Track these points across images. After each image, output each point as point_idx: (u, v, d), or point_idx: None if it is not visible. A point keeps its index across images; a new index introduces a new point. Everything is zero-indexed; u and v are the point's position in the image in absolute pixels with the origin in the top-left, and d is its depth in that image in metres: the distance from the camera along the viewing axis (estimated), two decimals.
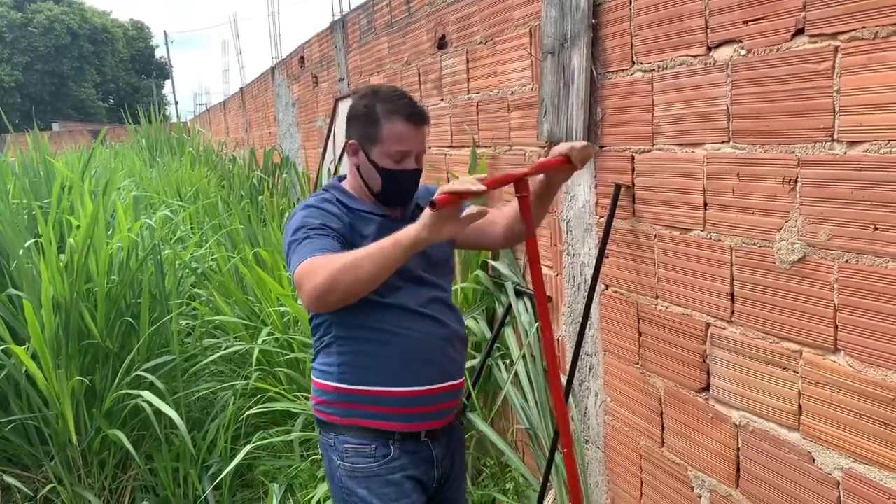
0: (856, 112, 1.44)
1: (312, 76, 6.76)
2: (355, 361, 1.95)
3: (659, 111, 2.03)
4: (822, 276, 1.56)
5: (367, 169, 1.95)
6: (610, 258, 2.34)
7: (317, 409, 2.03)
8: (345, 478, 1.96)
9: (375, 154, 1.92)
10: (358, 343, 1.95)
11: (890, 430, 1.45)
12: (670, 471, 2.16)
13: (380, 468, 1.94)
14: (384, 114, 1.90)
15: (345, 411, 1.96)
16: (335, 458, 1.97)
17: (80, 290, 3.51)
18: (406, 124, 1.91)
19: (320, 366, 2.01)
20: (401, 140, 1.90)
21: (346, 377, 1.95)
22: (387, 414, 1.94)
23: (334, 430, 1.98)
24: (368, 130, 1.92)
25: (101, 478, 3.56)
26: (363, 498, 1.94)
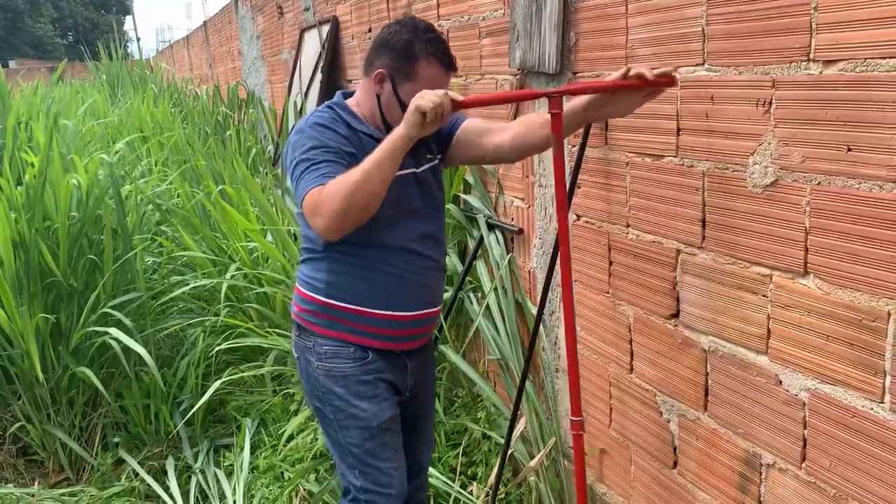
0: (833, 30, 1.41)
1: (277, 7, 6.54)
2: (344, 280, 2.01)
3: (633, 34, 1.98)
4: (794, 200, 1.55)
5: (390, 101, 1.95)
6: (581, 188, 2.32)
7: (299, 315, 2.10)
8: (322, 377, 2.05)
9: (404, 90, 1.90)
10: (349, 265, 2.01)
11: (856, 350, 1.46)
12: (639, 397, 2.18)
13: (357, 368, 2.04)
14: (423, 54, 1.90)
15: (328, 323, 2.04)
16: (312, 358, 2.06)
17: (39, 228, 3.42)
18: (441, 69, 1.92)
19: (307, 277, 2.07)
20: (433, 84, 1.87)
21: (333, 293, 2.02)
22: (367, 332, 2.03)
23: (313, 335, 2.06)
24: (403, 65, 1.91)
25: (71, 416, 3.54)
26: (340, 395, 2.04)
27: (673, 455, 2.06)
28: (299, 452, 3.03)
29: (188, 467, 3.33)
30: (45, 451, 3.50)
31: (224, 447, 3.41)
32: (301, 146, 1.89)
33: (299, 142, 1.91)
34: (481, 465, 2.85)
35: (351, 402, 2.03)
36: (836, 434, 1.53)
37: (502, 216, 2.95)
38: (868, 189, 1.39)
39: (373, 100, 1.97)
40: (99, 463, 3.40)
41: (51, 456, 3.49)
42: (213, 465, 3.28)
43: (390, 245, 2.00)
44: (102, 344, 3.44)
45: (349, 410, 2.04)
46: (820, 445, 1.58)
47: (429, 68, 1.90)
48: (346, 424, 2.06)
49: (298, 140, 1.92)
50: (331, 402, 2.06)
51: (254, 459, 3.13)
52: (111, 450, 3.48)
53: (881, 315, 1.40)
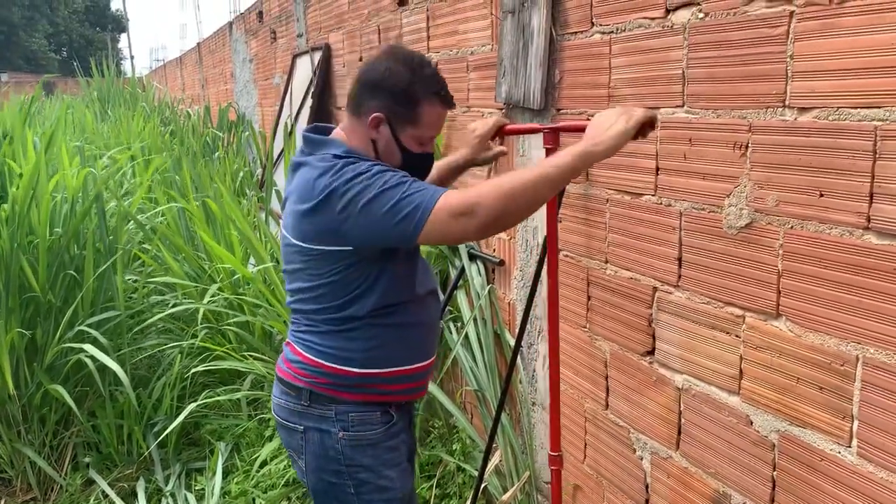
0: (808, 78, 1.44)
1: (271, 31, 6.59)
2: (385, 347, 1.85)
3: (616, 74, 2.01)
4: (767, 242, 1.58)
5: (388, 146, 1.79)
6: (562, 222, 2.34)
7: (314, 385, 1.87)
8: (347, 448, 1.85)
9: (405, 135, 1.77)
10: (390, 328, 1.85)
11: (825, 394, 1.47)
12: (614, 433, 2.18)
13: (383, 434, 1.88)
14: (426, 96, 1.75)
15: (357, 390, 1.86)
16: (333, 428, 1.85)
17: (21, 242, 3.40)
18: (443, 108, 1.80)
19: (334, 350, 1.84)
20: (436, 125, 1.80)
21: (375, 363, 1.85)
22: (399, 390, 1.91)
23: (335, 402, 1.86)
24: (404, 109, 1.75)
25: (42, 434, 3.48)
26: (368, 466, 1.86)
27: (645, 493, 2.06)
28: (272, 479, 3.00)
29: (159, 490, 3.28)
30: (14, 470, 3.43)
31: (196, 471, 3.37)
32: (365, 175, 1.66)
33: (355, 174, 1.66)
34: (455, 497, 2.83)
35: (380, 473, 1.87)
36: (805, 477, 1.54)
37: (484, 247, 2.96)
38: (839, 234, 1.42)
39: (367, 144, 1.79)
40: (68, 483, 3.35)
41: (19, 474, 3.43)
42: (184, 488, 3.24)
43: (423, 293, 1.90)
44: (77, 362, 3.41)
45: (377, 482, 1.87)
46: (789, 488, 1.58)
47: (431, 109, 1.77)
48: (370, 499, 1.88)
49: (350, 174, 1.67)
50: (355, 475, 1.86)
51: (226, 484, 3.09)
52: (81, 470, 3.43)
53: (850, 359, 1.42)
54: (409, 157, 1.80)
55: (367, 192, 1.64)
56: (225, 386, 3.56)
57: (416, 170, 1.79)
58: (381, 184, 1.64)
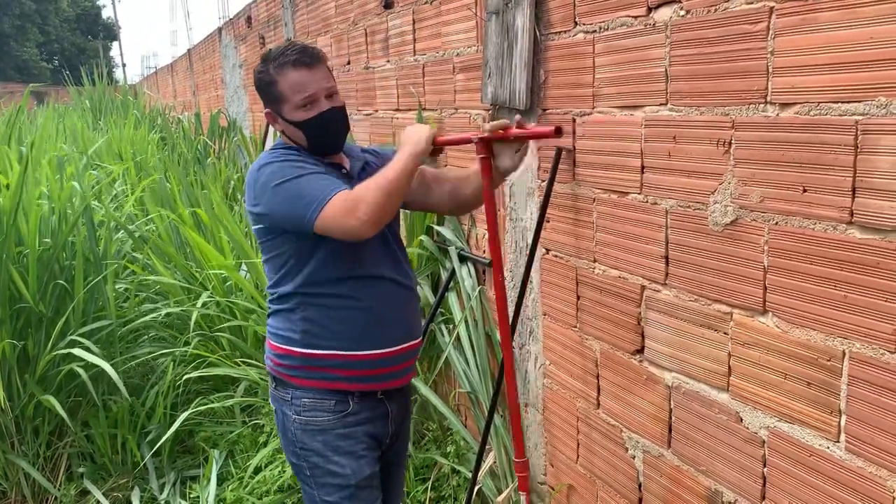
0: (789, 74, 1.44)
1: (260, 37, 6.59)
2: (321, 326, 1.94)
3: (600, 73, 2.01)
4: (752, 239, 1.57)
5: (289, 130, 1.96)
6: (550, 222, 2.33)
7: (274, 368, 2.02)
8: (299, 431, 1.97)
9: (287, 112, 1.92)
10: (324, 308, 1.94)
11: (813, 389, 1.47)
12: (606, 432, 2.18)
13: (336, 422, 1.96)
14: (276, 71, 1.91)
15: (307, 373, 1.96)
16: (290, 412, 1.98)
17: (10, 253, 3.39)
18: (296, 70, 1.90)
19: (279, 330, 1.99)
20: (299, 87, 1.90)
21: (312, 342, 1.94)
22: (350, 376, 1.96)
23: (291, 387, 1.98)
24: (271, 93, 1.93)
25: (36, 445, 3.47)
26: (317, 450, 1.96)
27: (638, 492, 2.06)
28: (266, 485, 2.99)
29: (154, 499, 3.28)
30: (7, 482, 3.42)
31: (191, 479, 3.36)
32: (280, 173, 1.86)
33: (273, 171, 1.88)
34: (450, 499, 2.83)
35: (329, 458, 1.95)
36: (795, 473, 1.54)
37: (474, 248, 2.96)
38: (823, 230, 1.41)
39: (285, 139, 2.00)
40: (62, 494, 3.33)
41: (13, 486, 3.41)
42: (179, 496, 3.23)
43: (366, 275, 1.95)
44: (70, 372, 3.39)
45: (327, 467, 1.96)
46: (779, 484, 1.58)
47: (286, 79, 1.90)
48: (323, 482, 1.97)
49: (270, 171, 1.89)
50: (307, 457, 1.97)
51: (221, 492, 3.08)
52: (76, 480, 3.42)
53: (836, 354, 1.42)
54: (305, 125, 1.93)
55: (276, 177, 1.86)
56: (218, 393, 3.55)
57: (322, 131, 1.94)
58: (290, 174, 1.85)
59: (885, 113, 1.27)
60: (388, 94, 3.59)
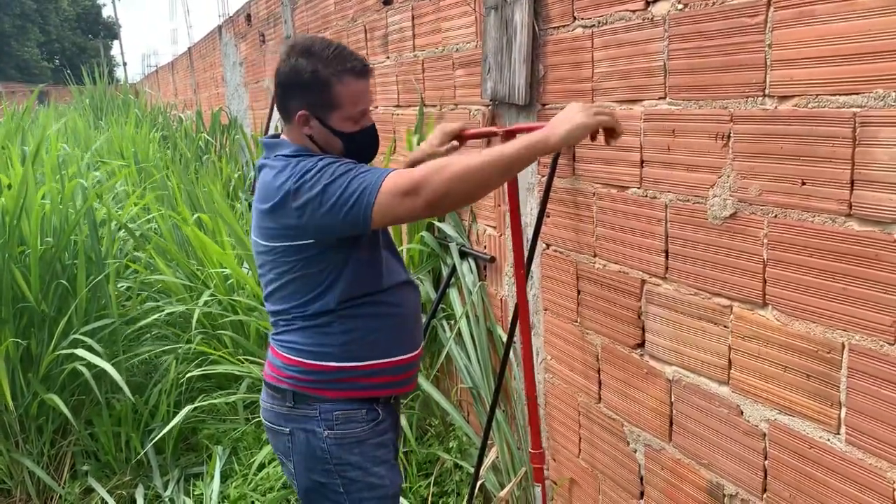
0: (787, 66, 1.44)
1: (259, 34, 6.59)
2: (365, 338, 1.87)
3: (599, 68, 2.01)
4: (752, 232, 1.57)
5: (324, 136, 1.83)
6: (551, 217, 2.33)
7: (297, 384, 1.89)
8: (334, 447, 1.86)
9: (334, 120, 1.80)
10: (365, 318, 1.87)
11: (813, 382, 1.47)
12: (607, 426, 2.18)
13: (370, 431, 1.89)
14: (334, 76, 1.76)
15: (340, 385, 1.87)
16: (319, 428, 1.86)
17: (12, 253, 3.39)
18: (359, 80, 1.80)
19: (310, 346, 1.87)
20: (359, 99, 1.81)
21: (352, 355, 1.86)
22: (382, 383, 1.92)
23: (319, 401, 1.87)
24: (320, 97, 1.78)
25: (40, 444, 3.48)
26: (355, 463, 1.87)
27: (640, 485, 2.06)
28: (270, 482, 3.00)
29: (158, 496, 3.29)
30: (12, 480, 3.43)
31: (195, 476, 3.37)
32: (322, 171, 1.70)
33: (314, 172, 1.71)
34: (453, 494, 2.84)
35: (369, 471, 1.88)
36: (795, 465, 1.54)
37: (475, 244, 2.96)
38: (821, 222, 1.41)
39: (306, 140, 1.85)
40: (67, 492, 3.35)
41: (18, 485, 3.43)
42: (183, 493, 3.24)
43: (396, 283, 1.92)
44: (73, 371, 3.40)
45: (367, 480, 1.88)
46: (780, 476, 1.58)
47: (344, 87, 1.78)
48: (360, 497, 1.88)
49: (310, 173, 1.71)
50: (344, 473, 1.87)
51: (224, 489, 3.09)
52: (80, 478, 3.43)
53: (836, 347, 1.42)
54: (348, 138, 1.83)
55: (317, 185, 1.70)
56: (221, 390, 3.56)
57: (363, 147, 1.84)
58: (329, 175, 1.70)
59: (882, 105, 1.27)
60: (388, 90, 3.59)
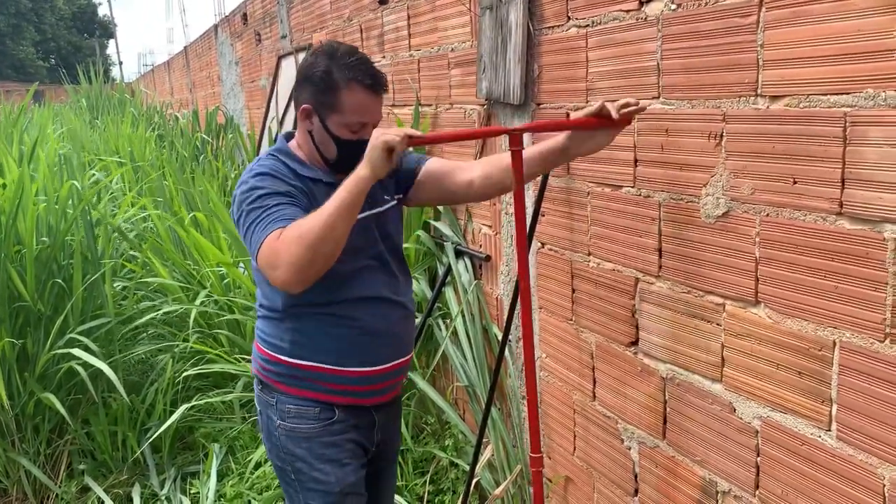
0: (779, 66, 1.45)
1: (255, 33, 6.59)
2: (310, 340, 1.88)
3: (593, 68, 2.02)
4: (744, 230, 1.59)
5: (322, 136, 1.83)
6: (546, 216, 2.35)
7: (260, 371, 1.97)
8: (283, 437, 1.93)
9: (333, 123, 1.79)
10: (315, 323, 1.87)
11: (804, 379, 1.49)
12: (602, 424, 2.19)
13: (321, 430, 1.91)
14: (344, 81, 1.76)
15: (292, 382, 1.91)
16: (275, 417, 1.93)
17: (8, 253, 3.40)
18: (367, 93, 1.78)
19: (268, 336, 1.94)
20: (361, 111, 1.79)
21: (299, 353, 1.89)
22: (337, 389, 1.91)
23: (276, 392, 1.94)
24: (326, 97, 1.78)
25: (36, 443, 3.48)
26: (302, 457, 1.91)
27: (634, 482, 2.07)
28: (266, 480, 3.01)
29: (154, 495, 3.29)
30: (9, 479, 3.44)
31: (191, 475, 3.38)
32: (247, 198, 1.75)
33: (245, 194, 1.76)
34: (448, 493, 2.85)
35: (314, 466, 1.91)
36: (787, 462, 1.55)
37: (471, 243, 2.97)
38: (813, 221, 1.43)
39: (307, 137, 1.86)
40: (63, 491, 3.35)
41: (14, 484, 3.43)
42: (179, 492, 3.24)
43: (358, 297, 1.88)
44: (69, 370, 3.40)
45: (311, 474, 1.92)
46: (772, 473, 1.59)
47: (352, 95, 1.77)
48: (307, 487, 1.93)
49: (243, 192, 1.77)
50: (292, 463, 1.93)
51: (221, 487, 3.10)
52: (76, 477, 3.44)
53: (827, 344, 1.43)
54: (342, 145, 1.81)
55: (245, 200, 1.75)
56: (218, 389, 3.56)
57: (355, 158, 1.73)
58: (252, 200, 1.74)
59: (872, 104, 1.28)
60: None
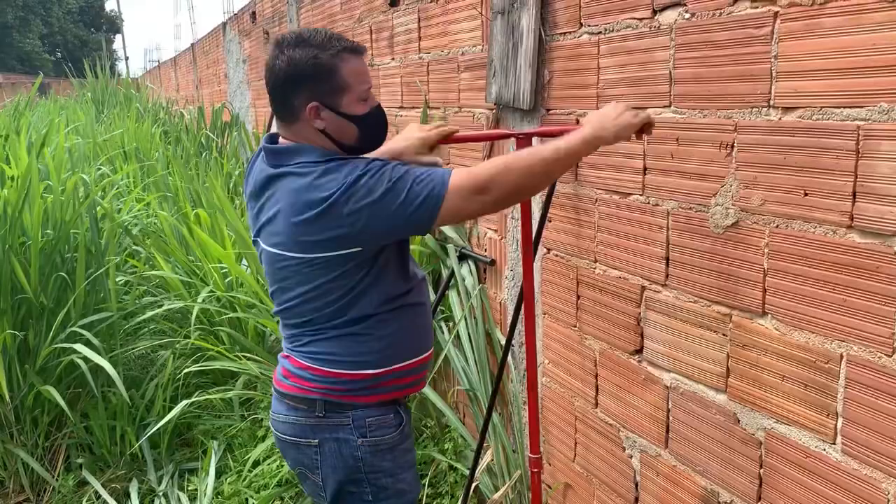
0: (792, 78, 1.45)
1: (264, 32, 6.59)
2: (402, 340, 1.84)
3: (604, 75, 2.02)
4: (753, 241, 1.59)
5: (338, 125, 1.73)
6: (552, 222, 2.35)
7: (329, 394, 1.82)
8: (368, 455, 1.82)
9: (345, 105, 1.71)
10: (405, 321, 1.84)
11: (810, 392, 1.48)
12: (603, 431, 2.19)
13: (399, 436, 1.87)
14: (335, 57, 1.69)
15: (373, 391, 1.83)
16: (352, 436, 1.81)
17: (12, 244, 3.40)
18: (356, 57, 1.73)
19: (342, 356, 1.80)
20: (363, 76, 1.74)
21: (390, 359, 1.83)
22: (407, 383, 1.89)
23: (351, 408, 1.82)
24: (328, 83, 1.70)
25: (35, 435, 3.48)
26: (388, 470, 1.84)
27: (634, 491, 2.07)
28: (264, 479, 3.00)
29: (152, 490, 3.28)
30: (6, 471, 3.43)
31: (189, 471, 3.37)
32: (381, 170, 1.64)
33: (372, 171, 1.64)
34: (447, 496, 2.84)
35: (398, 477, 1.86)
36: (791, 474, 1.55)
37: (476, 247, 2.97)
38: (823, 233, 1.43)
39: (318, 135, 1.74)
40: (61, 484, 3.34)
41: (11, 476, 3.43)
42: (177, 488, 3.24)
43: (420, 277, 1.89)
44: (70, 363, 3.40)
45: (396, 486, 1.85)
46: (775, 485, 1.59)
47: (347, 66, 1.70)
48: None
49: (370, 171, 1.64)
50: (376, 481, 1.83)
51: (219, 485, 3.09)
52: (74, 471, 3.43)
53: (834, 357, 1.43)
54: (361, 120, 1.74)
55: (377, 189, 1.62)
56: (217, 387, 3.56)
57: (376, 128, 1.78)
58: (388, 179, 1.63)
59: (886, 119, 1.28)
60: (392, 91, 3.60)
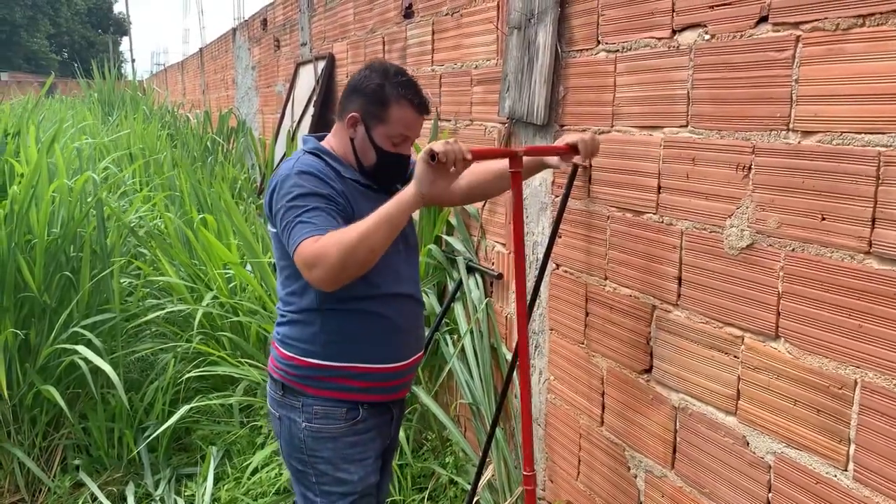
0: (813, 102, 1.46)
1: (274, 40, 6.62)
2: (345, 339, 1.93)
3: (620, 92, 2.03)
4: (768, 264, 1.58)
5: (363, 145, 1.93)
6: (563, 238, 2.34)
7: (284, 376, 1.98)
8: (309, 439, 1.95)
9: (378, 133, 1.90)
10: (347, 322, 1.92)
11: (822, 417, 1.48)
12: (608, 450, 2.18)
13: (347, 429, 1.96)
14: (395, 97, 1.88)
15: (320, 383, 1.94)
16: (299, 419, 1.95)
17: (18, 242, 3.39)
18: (414, 111, 1.91)
19: (294, 341, 1.96)
20: (406, 126, 1.91)
21: (333, 354, 1.93)
22: (365, 387, 1.96)
23: (302, 395, 1.95)
24: (375, 109, 1.89)
25: (32, 435, 3.46)
26: (327, 458, 1.95)
27: None
28: (262, 486, 2.98)
29: (148, 495, 3.26)
30: (2, 470, 3.41)
31: (187, 476, 3.35)
32: (289, 193, 1.81)
33: (287, 188, 1.82)
34: None
35: (338, 466, 1.96)
36: (800, 499, 1.54)
37: (483, 260, 2.97)
38: (840, 258, 1.42)
39: (347, 143, 1.95)
40: (56, 485, 3.32)
41: (7, 475, 3.40)
42: (173, 493, 3.22)
43: (388, 293, 1.94)
44: (71, 363, 3.39)
45: (335, 475, 1.96)
46: None
47: (400, 111, 1.89)
48: (328, 489, 1.97)
49: (286, 186, 1.83)
50: (315, 465, 1.96)
51: (216, 491, 3.07)
52: (70, 472, 3.41)
53: (848, 383, 1.42)
54: (382, 155, 1.92)
55: (287, 196, 1.80)
56: (218, 392, 3.54)
57: (390, 168, 1.94)
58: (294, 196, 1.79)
59: None
60: None
